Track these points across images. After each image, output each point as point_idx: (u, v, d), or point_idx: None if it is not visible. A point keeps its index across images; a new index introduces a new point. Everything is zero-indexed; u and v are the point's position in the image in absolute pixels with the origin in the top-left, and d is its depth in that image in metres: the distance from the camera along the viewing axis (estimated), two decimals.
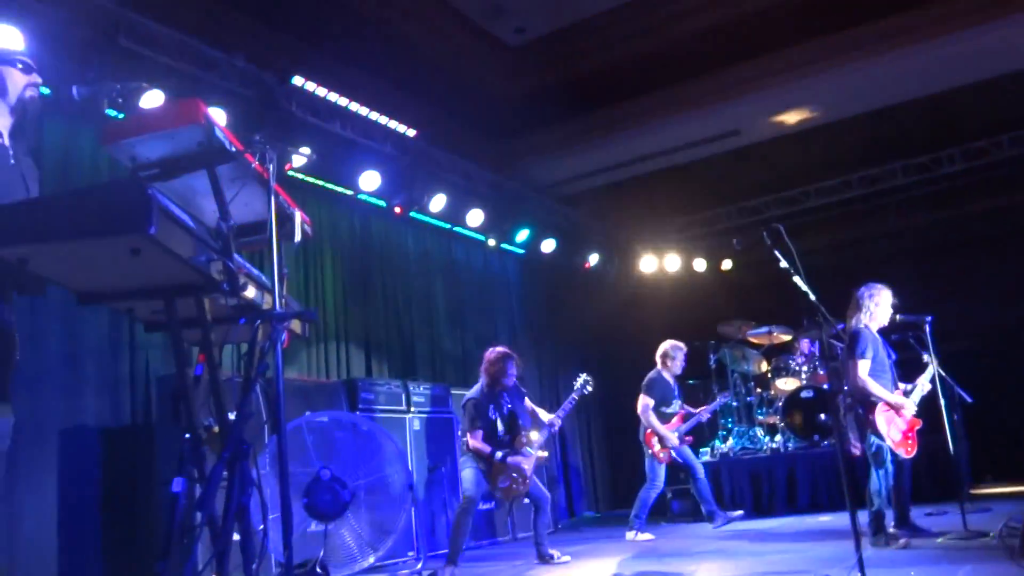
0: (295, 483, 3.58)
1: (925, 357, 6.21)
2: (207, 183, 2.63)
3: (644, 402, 7.97)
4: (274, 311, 2.59)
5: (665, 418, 7.95)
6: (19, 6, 5.34)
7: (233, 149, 2.50)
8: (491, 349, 6.59)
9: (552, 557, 6.23)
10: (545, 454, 6.84)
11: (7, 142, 3.21)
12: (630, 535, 7.61)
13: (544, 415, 6.66)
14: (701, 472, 7.89)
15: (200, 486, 2.58)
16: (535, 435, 6.53)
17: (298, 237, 3.04)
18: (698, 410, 8.32)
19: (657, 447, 7.80)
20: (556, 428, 6.72)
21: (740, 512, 8.03)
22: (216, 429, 2.67)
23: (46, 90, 3.34)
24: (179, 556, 2.45)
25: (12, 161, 3.20)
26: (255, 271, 2.82)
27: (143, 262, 2.23)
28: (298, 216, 3.10)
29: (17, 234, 2.11)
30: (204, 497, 2.37)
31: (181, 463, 2.58)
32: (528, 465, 6.24)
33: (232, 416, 2.61)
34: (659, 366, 8.22)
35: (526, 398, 6.72)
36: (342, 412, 4.38)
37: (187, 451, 2.59)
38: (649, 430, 7.87)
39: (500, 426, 6.29)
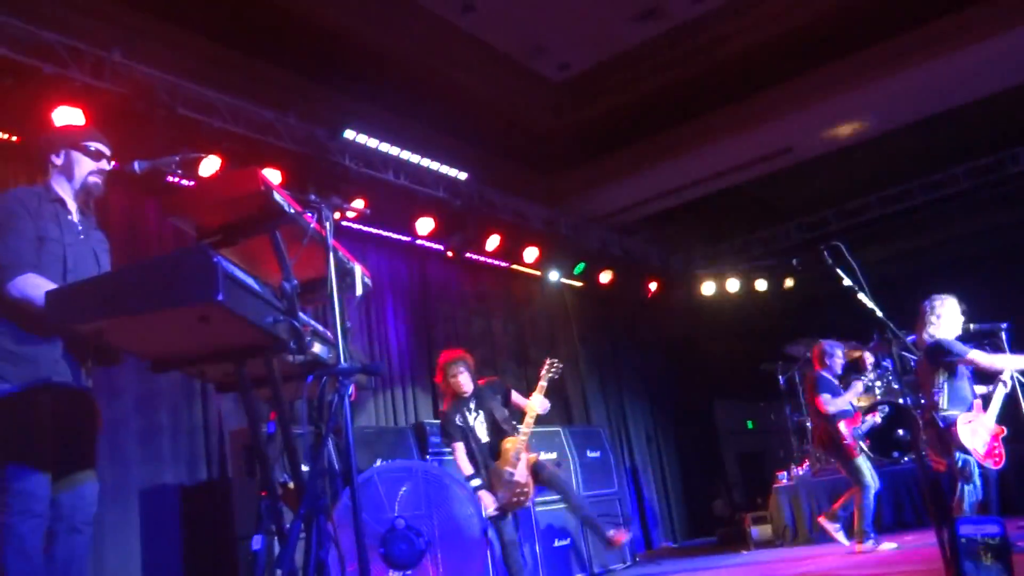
0: (370, 534, 3.60)
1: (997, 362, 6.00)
2: (269, 244, 2.70)
3: (824, 398, 7.11)
4: (339, 366, 2.64)
5: None
6: (80, 85, 5.58)
7: (292, 211, 2.56)
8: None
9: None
10: (534, 457, 6.14)
11: (76, 218, 3.34)
12: (865, 545, 6.72)
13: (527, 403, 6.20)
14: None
15: (279, 542, 2.63)
16: (516, 441, 5.97)
17: (359, 291, 3.09)
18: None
19: (849, 440, 6.97)
20: (541, 412, 6.18)
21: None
22: (291, 485, 2.72)
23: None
24: None
25: (82, 236, 3.33)
26: (320, 327, 2.88)
27: (212, 327, 2.29)
28: (358, 269, 3.16)
29: (92, 309, 2.19)
30: (283, 554, 2.40)
31: (259, 520, 2.63)
32: (520, 471, 5.82)
33: (306, 471, 2.65)
34: (817, 367, 7.63)
35: (512, 393, 6.31)
36: (412, 461, 4.42)
37: (264, 508, 2.63)
38: (839, 428, 7.01)
39: (479, 433, 5.94)
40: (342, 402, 2.57)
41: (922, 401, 5.90)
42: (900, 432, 8.47)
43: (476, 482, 5.65)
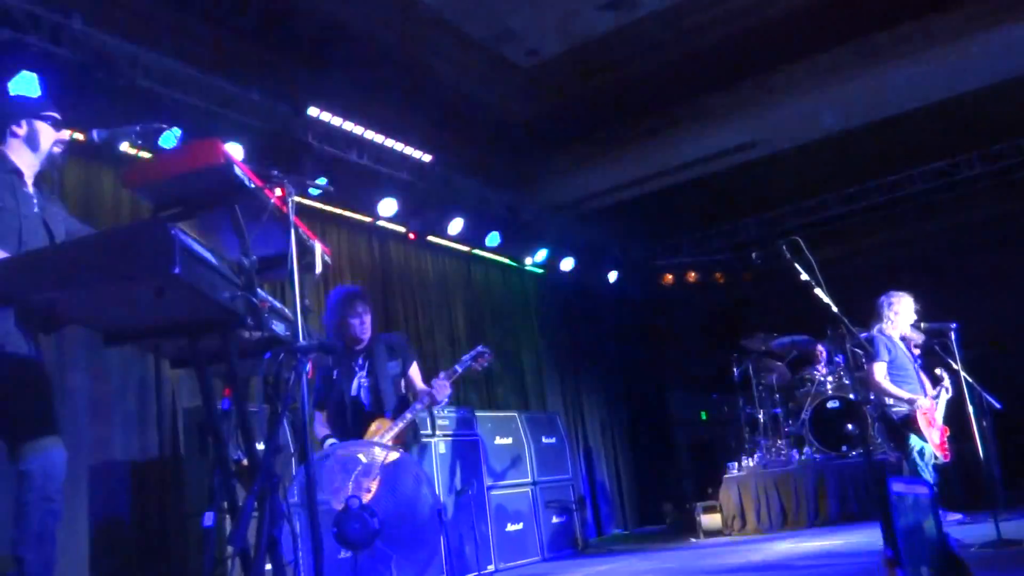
0: (324, 513, 3.60)
1: (939, 372, 6.15)
2: (228, 219, 2.68)
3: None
4: (297, 344, 2.63)
5: None
6: (38, 52, 5.45)
7: (252, 186, 2.54)
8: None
9: None
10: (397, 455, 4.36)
11: (31, 190, 3.28)
12: None
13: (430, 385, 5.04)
14: None
15: (231, 520, 2.61)
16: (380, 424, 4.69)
17: (319, 269, 3.08)
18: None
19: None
20: (437, 400, 5.00)
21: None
22: (245, 462, 2.70)
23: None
24: None
25: (36, 209, 3.27)
26: (278, 304, 2.86)
27: (167, 301, 2.27)
28: (318, 248, 3.14)
29: (45, 280, 2.16)
30: (235, 531, 2.39)
31: (211, 497, 2.61)
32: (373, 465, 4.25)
33: (260, 449, 2.64)
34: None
35: (412, 363, 5.14)
36: (367, 441, 4.40)
37: (217, 485, 2.62)
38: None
39: (355, 399, 4.73)
40: (298, 379, 2.56)
41: (871, 397, 6.03)
42: (849, 427, 8.64)
43: (330, 441, 4.54)
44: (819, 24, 8.26)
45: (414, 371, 5.14)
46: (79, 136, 4.75)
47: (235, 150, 6.52)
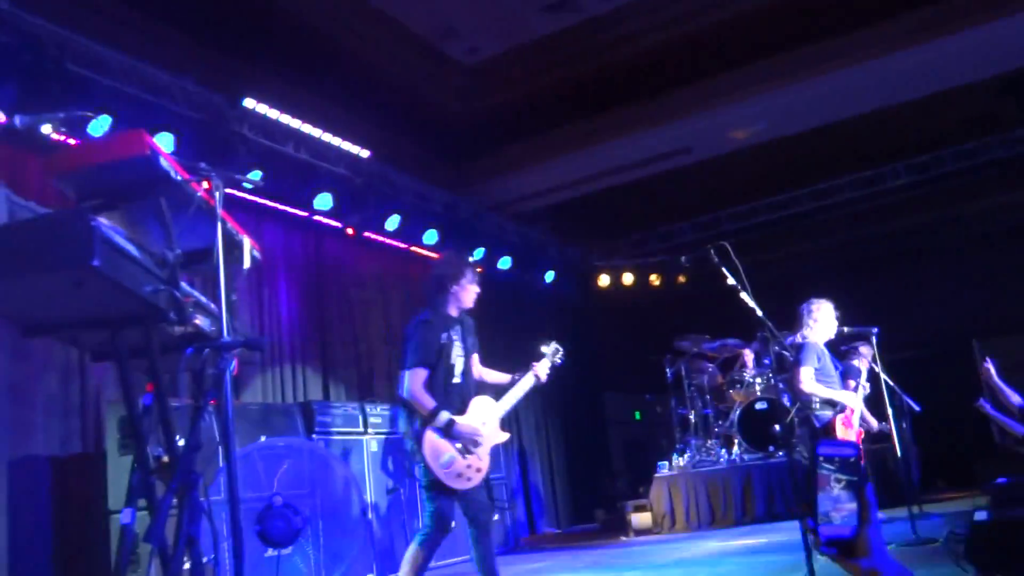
0: (247, 511, 3.56)
1: (856, 361, 6.30)
2: (153, 211, 2.63)
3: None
4: (221, 340, 2.59)
5: None
6: None
7: (178, 178, 2.50)
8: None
9: None
10: (507, 436, 4.93)
11: None
12: None
13: (499, 376, 5.03)
14: None
15: (150, 516, 2.57)
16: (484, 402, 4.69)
17: (247, 264, 3.04)
18: None
19: None
20: (541, 381, 5.04)
21: None
22: (166, 459, 2.66)
23: None
24: None
25: None
26: (203, 299, 2.82)
27: (87, 294, 2.22)
28: (247, 242, 3.10)
29: None
30: (152, 528, 2.35)
31: (130, 494, 2.56)
32: (486, 445, 4.52)
33: (182, 445, 2.60)
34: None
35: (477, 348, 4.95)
36: (295, 438, 4.35)
37: (136, 482, 2.57)
38: None
39: (457, 367, 4.53)
40: (222, 376, 2.52)
41: (787, 400, 6.17)
42: (775, 427, 8.83)
43: (444, 417, 4.33)
44: (753, 35, 8.45)
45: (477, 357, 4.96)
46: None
47: (166, 140, 6.39)
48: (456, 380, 4.59)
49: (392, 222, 8.84)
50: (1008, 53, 8.53)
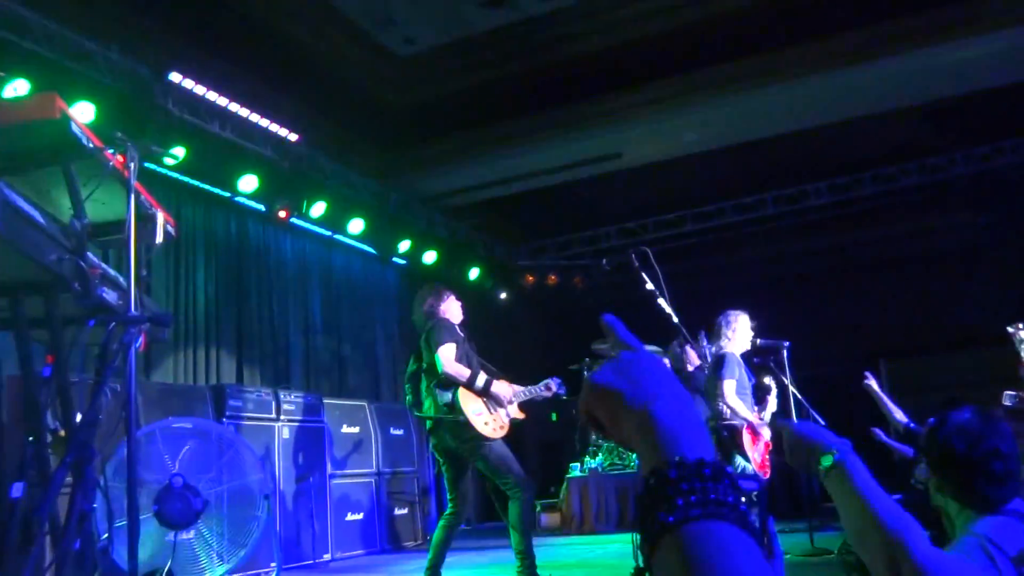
0: (145, 491, 3.47)
1: (768, 379, 6.47)
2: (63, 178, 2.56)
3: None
4: (127, 314, 2.53)
5: None
6: None
7: (90, 146, 2.43)
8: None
9: None
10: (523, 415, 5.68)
11: None
12: None
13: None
14: None
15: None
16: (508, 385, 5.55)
17: (159, 239, 2.98)
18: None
19: None
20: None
21: None
22: (62, 433, 2.59)
23: None
24: (16, 563, 2.36)
25: None
26: (111, 271, 2.75)
27: None
28: (161, 217, 3.04)
29: None
30: (43, 502, 2.28)
31: (22, 467, 2.49)
32: (508, 411, 5.37)
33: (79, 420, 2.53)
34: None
35: None
36: (201, 419, 4.27)
37: (30, 455, 2.50)
38: None
39: (474, 361, 5.48)
40: (126, 351, 2.47)
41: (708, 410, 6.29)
42: None
43: (483, 378, 5.24)
44: (690, 45, 8.58)
45: None
46: None
47: (87, 109, 6.20)
48: (476, 365, 5.44)
49: (318, 208, 8.74)
50: (931, 82, 8.84)
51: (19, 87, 5.86)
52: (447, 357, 5.21)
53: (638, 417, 0.79)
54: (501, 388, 5.41)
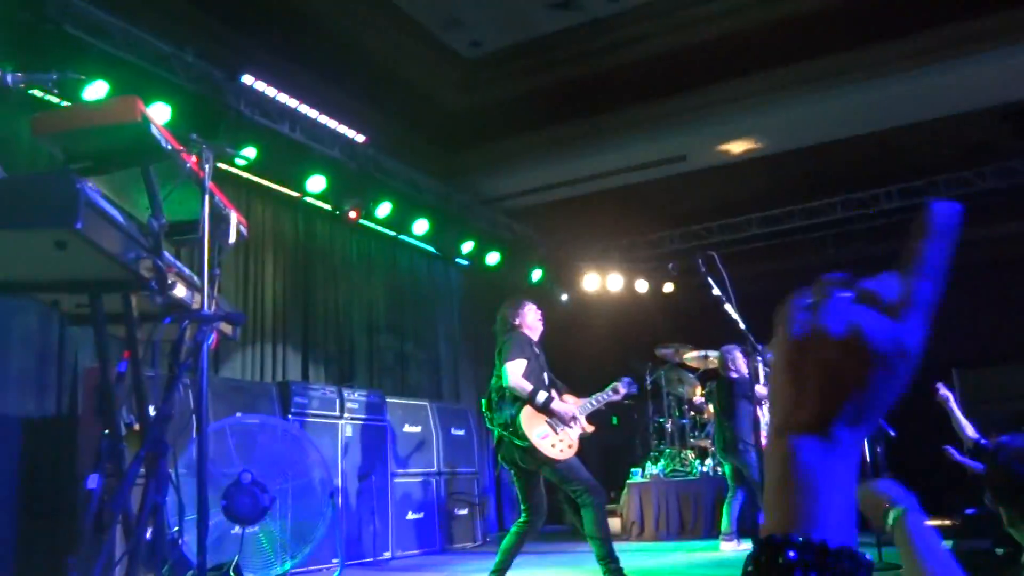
0: (215, 485, 3.54)
1: None
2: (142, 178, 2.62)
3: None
4: (201, 312, 2.59)
5: None
6: None
7: (168, 147, 2.49)
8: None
9: None
10: (592, 428, 5.57)
11: None
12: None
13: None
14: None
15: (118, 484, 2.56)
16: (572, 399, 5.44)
17: (232, 239, 3.03)
18: None
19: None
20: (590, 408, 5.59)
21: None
22: (137, 427, 2.65)
23: None
24: (90, 552, 2.43)
25: None
26: (186, 270, 2.82)
27: (69, 256, 2.22)
28: (234, 217, 3.10)
29: None
30: (117, 494, 2.35)
31: (98, 459, 2.56)
32: (576, 428, 5.26)
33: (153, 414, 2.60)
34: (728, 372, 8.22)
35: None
36: (269, 416, 4.35)
37: (105, 448, 2.57)
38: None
39: (545, 376, 5.39)
40: (199, 349, 2.52)
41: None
42: None
43: (543, 395, 5.15)
44: (758, 47, 8.45)
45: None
46: None
47: (162, 111, 6.37)
48: (546, 380, 5.38)
49: (383, 209, 8.83)
50: (1007, 83, 8.57)
51: (98, 89, 6.05)
52: (513, 372, 5.21)
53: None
54: (564, 406, 5.31)
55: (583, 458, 5.27)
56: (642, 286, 12.52)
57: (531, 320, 5.68)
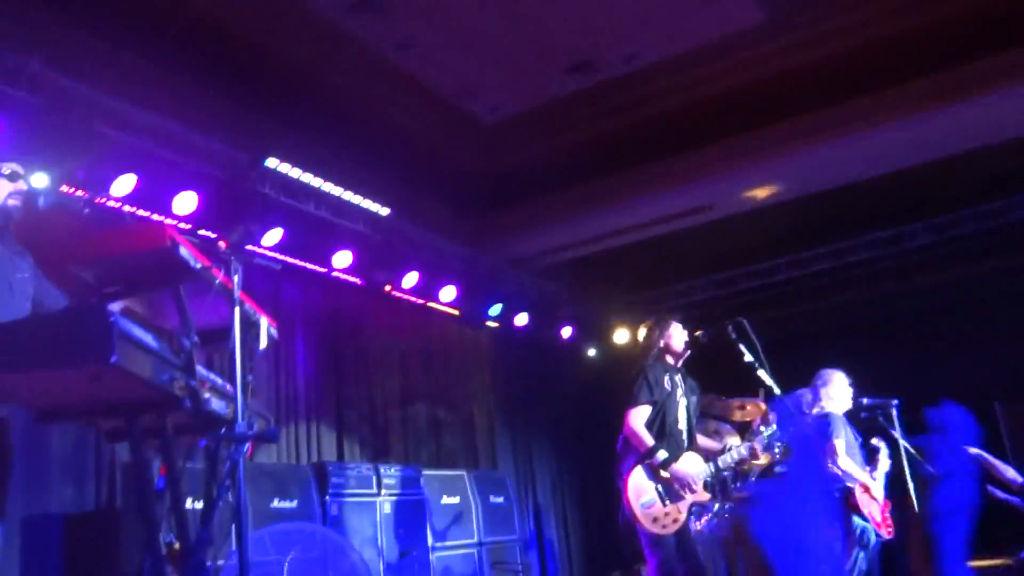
0: None
1: (875, 442, 6.23)
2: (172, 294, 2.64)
3: None
4: (233, 431, 2.58)
5: None
6: None
7: (198, 266, 2.51)
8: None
9: None
10: (708, 496, 4.89)
11: None
12: None
13: (710, 442, 5.25)
14: None
15: None
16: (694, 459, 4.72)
17: (263, 344, 3.05)
18: None
19: None
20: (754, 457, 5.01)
21: None
22: (177, 546, 2.64)
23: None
24: None
25: None
26: (219, 381, 2.82)
27: (104, 385, 2.23)
28: (264, 321, 3.12)
29: None
30: None
31: None
32: (689, 499, 4.60)
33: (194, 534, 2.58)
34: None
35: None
36: (307, 523, 4.31)
37: (147, 570, 2.55)
38: None
39: (681, 415, 4.80)
40: (235, 467, 2.51)
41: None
42: None
43: (663, 454, 4.57)
44: (775, 95, 8.47)
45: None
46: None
47: (190, 199, 6.48)
48: (680, 427, 4.82)
49: (410, 279, 8.87)
50: None
51: (126, 183, 6.16)
52: (634, 418, 4.69)
53: None
54: (688, 465, 4.67)
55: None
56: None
57: (677, 342, 5.18)
